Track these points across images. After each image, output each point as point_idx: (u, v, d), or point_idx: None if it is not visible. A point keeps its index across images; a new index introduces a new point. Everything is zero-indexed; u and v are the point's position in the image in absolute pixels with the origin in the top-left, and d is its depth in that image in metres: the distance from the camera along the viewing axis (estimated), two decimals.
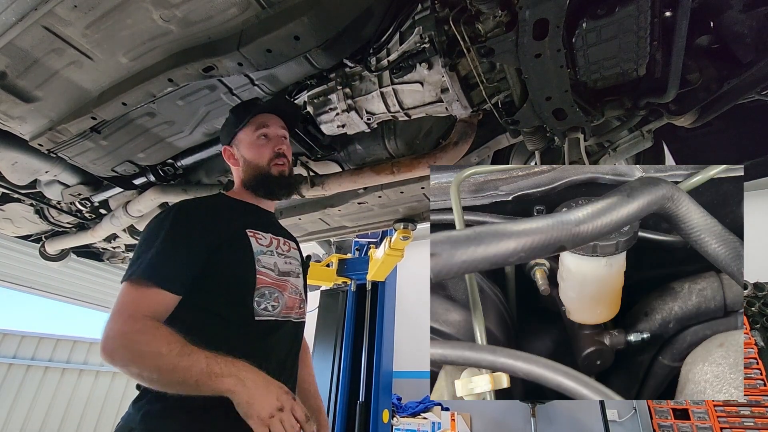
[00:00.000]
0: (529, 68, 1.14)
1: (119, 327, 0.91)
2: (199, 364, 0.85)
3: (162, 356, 0.86)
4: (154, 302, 0.96)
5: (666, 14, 1.09)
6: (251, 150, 1.27)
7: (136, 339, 0.89)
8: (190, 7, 1.17)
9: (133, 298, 0.96)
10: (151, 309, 0.95)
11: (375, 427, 3.35)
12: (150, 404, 0.95)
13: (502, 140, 1.68)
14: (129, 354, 0.89)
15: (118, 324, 0.91)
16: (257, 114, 1.29)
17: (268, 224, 1.26)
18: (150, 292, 0.96)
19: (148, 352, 0.87)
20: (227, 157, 1.32)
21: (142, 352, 0.87)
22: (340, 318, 4.30)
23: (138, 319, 0.92)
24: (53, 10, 1.15)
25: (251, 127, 1.28)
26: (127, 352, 0.89)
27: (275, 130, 1.30)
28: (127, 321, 0.91)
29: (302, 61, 1.34)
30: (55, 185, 2.07)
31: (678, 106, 1.27)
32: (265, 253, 1.14)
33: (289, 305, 1.15)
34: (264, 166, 1.26)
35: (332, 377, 4.04)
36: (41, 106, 1.49)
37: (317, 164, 1.85)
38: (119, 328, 0.91)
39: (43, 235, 2.75)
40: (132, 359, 0.88)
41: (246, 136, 1.28)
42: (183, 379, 0.84)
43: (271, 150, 1.27)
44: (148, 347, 0.87)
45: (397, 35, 1.32)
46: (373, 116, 1.50)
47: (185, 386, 0.85)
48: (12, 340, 6.14)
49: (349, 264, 4.10)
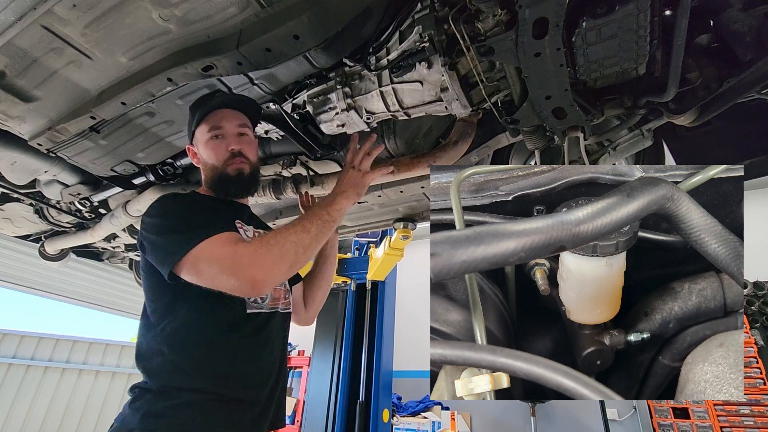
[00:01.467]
0: (528, 67, 1.14)
1: (244, 265, 0.93)
2: (318, 213, 1.09)
3: (295, 234, 1.01)
4: (234, 237, 1.00)
5: (666, 13, 1.09)
6: (206, 150, 1.23)
7: (266, 249, 0.96)
8: (189, 7, 1.16)
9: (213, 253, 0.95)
10: (239, 239, 1.00)
11: (375, 427, 3.35)
12: (149, 404, 0.95)
13: (502, 139, 1.68)
14: (288, 253, 0.97)
15: (239, 264, 0.93)
16: (209, 111, 1.24)
17: (249, 217, 1.26)
18: (217, 240, 0.98)
19: (293, 239, 0.99)
20: (191, 156, 1.30)
21: (283, 247, 0.97)
22: (340, 317, 4.30)
23: (247, 242, 0.98)
24: (52, 9, 1.15)
25: (205, 126, 1.24)
26: (284, 252, 0.97)
27: (230, 128, 1.24)
28: (240, 255, 0.94)
29: (302, 61, 1.34)
30: (54, 185, 2.07)
31: (678, 105, 1.27)
32: None
33: (275, 296, 1.17)
34: (219, 166, 1.21)
35: (332, 377, 4.05)
36: (40, 105, 1.49)
37: (317, 164, 1.85)
38: (245, 263, 0.93)
39: (42, 235, 2.75)
40: (293, 254, 0.98)
41: (201, 135, 1.25)
42: (321, 232, 1.06)
43: (224, 149, 1.21)
44: (280, 243, 0.97)
45: (397, 34, 1.32)
46: (373, 115, 1.50)
47: (323, 236, 1.07)
48: (12, 340, 6.14)
49: (349, 263, 4.10)
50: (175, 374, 0.97)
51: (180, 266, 0.96)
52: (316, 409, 4.01)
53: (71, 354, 6.79)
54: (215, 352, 1.01)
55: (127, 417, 0.96)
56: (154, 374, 0.99)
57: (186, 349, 1.00)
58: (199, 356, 0.99)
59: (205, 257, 0.94)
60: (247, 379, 1.04)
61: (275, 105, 1.51)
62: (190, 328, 1.00)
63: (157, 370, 0.99)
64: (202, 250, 0.95)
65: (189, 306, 1.03)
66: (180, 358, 0.99)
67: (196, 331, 0.99)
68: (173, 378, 0.97)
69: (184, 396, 0.95)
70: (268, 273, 0.94)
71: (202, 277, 0.95)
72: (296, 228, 1.03)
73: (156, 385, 0.97)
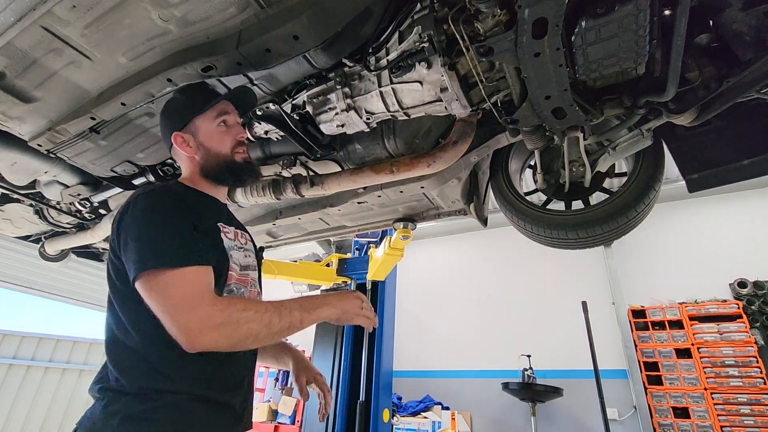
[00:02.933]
0: (528, 67, 1.14)
1: (199, 314, 0.88)
2: (293, 308, 1.00)
3: (263, 313, 0.94)
4: (202, 279, 0.95)
5: (665, 13, 1.09)
6: (213, 138, 1.21)
7: (229, 312, 0.90)
8: (188, 7, 1.16)
9: (181, 285, 0.91)
10: (205, 285, 0.95)
11: (375, 427, 3.35)
12: (127, 407, 0.91)
13: (502, 139, 1.68)
14: (231, 328, 0.90)
15: (195, 312, 0.88)
16: (215, 101, 1.24)
17: (230, 217, 1.24)
18: (191, 272, 0.94)
19: (250, 316, 0.92)
20: (180, 144, 1.20)
21: (246, 318, 0.92)
22: None
23: (212, 299, 0.92)
24: (52, 10, 1.15)
25: (211, 114, 1.22)
26: (228, 327, 0.90)
27: (234, 118, 1.27)
28: (201, 305, 0.90)
29: (301, 61, 1.34)
30: (54, 185, 2.07)
31: (677, 104, 1.27)
32: (233, 248, 1.13)
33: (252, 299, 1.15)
34: (228, 153, 1.22)
35: (332, 377, 4.04)
36: (40, 106, 1.49)
37: (317, 164, 1.85)
38: (201, 315, 0.88)
39: (42, 236, 2.75)
40: (237, 329, 0.91)
41: (205, 123, 1.22)
42: (290, 324, 0.98)
43: (233, 137, 1.24)
44: (246, 314, 0.92)
45: (396, 34, 1.32)
46: (373, 116, 1.50)
47: (291, 329, 0.99)
48: (12, 341, 6.14)
49: (349, 263, 4.10)
50: (153, 375, 0.93)
51: (139, 278, 0.92)
52: (316, 409, 4.01)
53: (71, 354, 6.79)
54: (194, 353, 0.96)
55: (99, 422, 0.90)
56: (129, 375, 0.94)
57: (164, 350, 0.94)
58: (178, 357, 0.93)
59: (164, 288, 0.91)
60: (225, 380, 1.02)
61: (275, 105, 1.51)
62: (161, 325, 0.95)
63: (132, 370, 0.94)
64: (167, 278, 0.91)
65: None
66: (158, 359, 0.95)
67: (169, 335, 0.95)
68: (152, 379, 0.93)
69: (165, 398, 0.92)
70: (210, 343, 0.89)
71: (150, 302, 0.91)
72: (263, 317, 0.95)
73: (133, 387, 0.93)
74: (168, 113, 1.27)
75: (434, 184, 1.84)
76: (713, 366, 4.17)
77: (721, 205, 5.02)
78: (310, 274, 3.84)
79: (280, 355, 1.43)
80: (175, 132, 1.21)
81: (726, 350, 4.17)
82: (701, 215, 5.11)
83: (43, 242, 2.74)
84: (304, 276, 3.77)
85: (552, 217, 1.77)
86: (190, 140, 1.21)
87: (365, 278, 3.76)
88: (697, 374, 4.20)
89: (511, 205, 1.89)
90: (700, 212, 5.12)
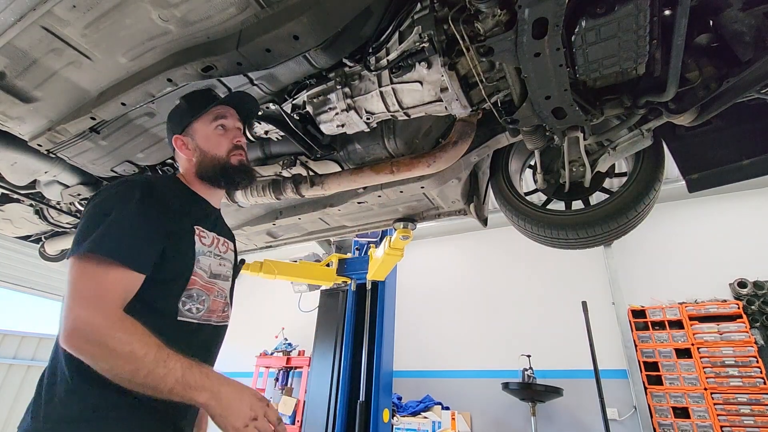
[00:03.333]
0: (528, 67, 1.14)
1: (90, 318, 0.83)
2: (175, 374, 0.84)
3: (137, 360, 0.82)
4: (123, 285, 0.90)
5: (665, 13, 1.09)
6: (209, 141, 1.23)
7: (111, 336, 0.82)
8: (188, 7, 1.16)
9: (100, 280, 0.87)
10: (120, 294, 0.89)
11: (375, 427, 3.35)
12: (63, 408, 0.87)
13: (502, 139, 1.68)
14: (101, 351, 0.83)
15: (89, 314, 0.84)
16: (213, 105, 1.25)
17: (215, 222, 1.23)
18: (118, 273, 0.89)
19: (124, 353, 0.82)
20: (179, 146, 1.23)
21: (117, 352, 0.82)
22: (340, 318, 4.30)
23: (111, 311, 0.86)
24: (52, 10, 1.15)
25: (208, 117, 1.24)
26: (100, 348, 0.83)
27: (233, 122, 1.28)
28: (98, 312, 0.84)
29: (301, 61, 1.34)
30: (54, 185, 2.07)
31: (677, 104, 1.27)
32: (204, 253, 1.11)
33: (212, 308, 1.12)
34: (223, 156, 1.23)
35: (332, 377, 4.05)
36: (40, 106, 1.49)
37: (317, 164, 1.85)
38: (90, 320, 0.83)
39: (42, 236, 2.75)
40: (104, 356, 0.83)
41: (203, 126, 1.24)
42: (155, 386, 0.83)
43: (229, 141, 1.24)
44: (123, 348, 0.82)
45: (397, 34, 1.32)
46: (373, 116, 1.50)
47: (156, 391, 0.83)
48: (12, 341, 6.14)
49: (349, 263, 4.10)
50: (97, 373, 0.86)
51: (70, 258, 0.90)
52: (317, 409, 4.01)
53: None
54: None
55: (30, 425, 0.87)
56: (74, 371, 0.90)
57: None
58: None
59: (78, 275, 0.88)
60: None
61: (275, 105, 1.52)
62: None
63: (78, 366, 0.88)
64: (87, 259, 0.88)
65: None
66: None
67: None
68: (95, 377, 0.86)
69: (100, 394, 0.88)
70: (77, 351, 0.84)
71: (66, 284, 0.88)
72: (143, 364, 0.83)
73: (76, 384, 0.89)
74: (171, 118, 1.30)
75: (434, 184, 1.84)
76: (713, 366, 4.17)
77: (721, 205, 5.03)
78: (310, 274, 3.84)
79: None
80: (175, 135, 1.24)
81: (726, 350, 4.17)
82: (701, 215, 5.11)
83: (43, 242, 2.74)
84: (304, 276, 3.77)
85: (552, 217, 1.77)
86: (189, 143, 1.23)
87: (365, 278, 3.76)
88: (697, 374, 4.20)
89: (511, 205, 1.89)
90: (700, 212, 5.12)
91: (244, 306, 7.57)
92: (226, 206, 2.19)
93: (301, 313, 4.72)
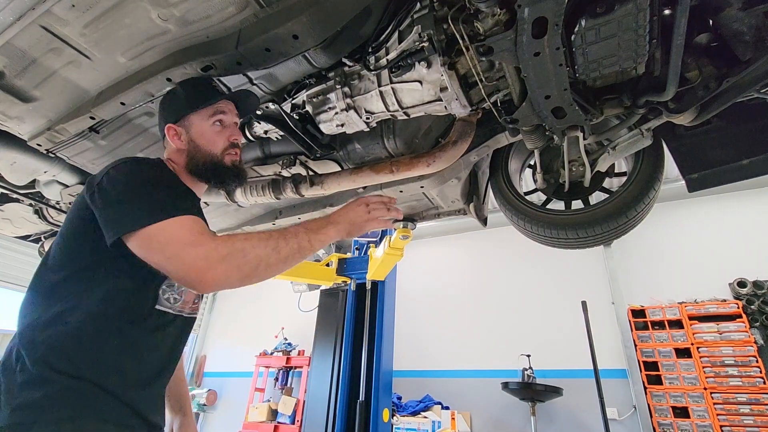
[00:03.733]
0: (528, 67, 1.14)
1: (209, 248, 0.89)
2: (300, 235, 1.01)
3: (270, 246, 0.94)
4: (200, 224, 0.97)
5: (665, 12, 1.09)
6: (204, 136, 1.20)
7: (236, 247, 0.91)
8: (188, 6, 1.16)
9: (185, 227, 0.93)
10: (204, 227, 0.97)
11: (375, 427, 3.35)
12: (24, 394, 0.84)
13: (501, 139, 1.68)
14: (245, 261, 0.91)
15: (203, 247, 0.90)
16: (214, 99, 1.23)
17: (200, 212, 1.21)
18: (189, 219, 0.96)
19: (258, 248, 0.93)
20: (171, 136, 1.19)
21: (256, 254, 0.92)
22: (339, 317, 4.30)
23: (212, 236, 0.93)
24: (51, 9, 1.15)
25: (207, 111, 1.21)
26: (242, 259, 0.91)
27: (231, 118, 1.25)
28: (207, 242, 0.91)
29: (301, 60, 1.34)
30: (53, 185, 2.07)
31: (677, 104, 1.27)
32: None
33: (186, 300, 1.12)
34: (217, 154, 1.20)
35: (332, 376, 4.04)
36: (39, 105, 1.49)
37: (316, 163, 1.85)
38: (211, 249, 0.89)
39: (42, 236, 2.75)
40: (252, 265, 0.92)
41: (200, 120, 1.20)
42: (299, 249, 0.99)
43: (225, 138, 1.22)
44: (253, 246, 0.93)
45: (396, 34, 1.32)
46: (372, 115, 1.50)
47: (303, 255, 1.00)
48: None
49: (349, 263, 4.10)
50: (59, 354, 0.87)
51: (133, 236, 0.91)
52: (316, 408, 4.01)
53: None
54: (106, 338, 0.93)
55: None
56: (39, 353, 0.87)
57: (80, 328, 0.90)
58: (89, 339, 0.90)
59: (165, 236, 0.90)
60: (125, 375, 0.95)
61: (274, 105, 1.51)
62: (90, 307, 0.92)
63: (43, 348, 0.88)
64: (164, 227, 0.91)
65: (101, 283, 0.96)
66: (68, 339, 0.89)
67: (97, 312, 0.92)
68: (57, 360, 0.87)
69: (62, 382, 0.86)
70: (221, 276, 0.90)
71: (153, 254, 0.91)
72: (269, 242, 0.96)
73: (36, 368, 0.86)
74: (165, 105, 1.26)
75: (434, 184, 1.84)
76: (713, 366, 4.17)
77: (721, 205, 5.02)
78: (310, 274, 3.83)
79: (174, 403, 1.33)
80: (169, 124, 1.21)
81: (725, 350, 4.17)
82: (701, 215, 5.11)
83: (42, 242, 2.74)
84: (304, 275, 3.77)
85: (552, 216, 1.77)
86: (182, 134, 1.20)
87: (365, 278, 3.76)
88: (697, 374, 4.20)
89: (511, 205, 1.89)
90: (699, 212, 5.12)
91: (244, 306, 7.57)
92: (226, 206, 2.19)
93: (300, 312, 4.72)
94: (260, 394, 6.22)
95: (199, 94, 1.23)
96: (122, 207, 0.95)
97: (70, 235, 1.03)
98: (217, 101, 1.23)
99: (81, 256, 0.99)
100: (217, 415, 6.83)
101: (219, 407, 6.87)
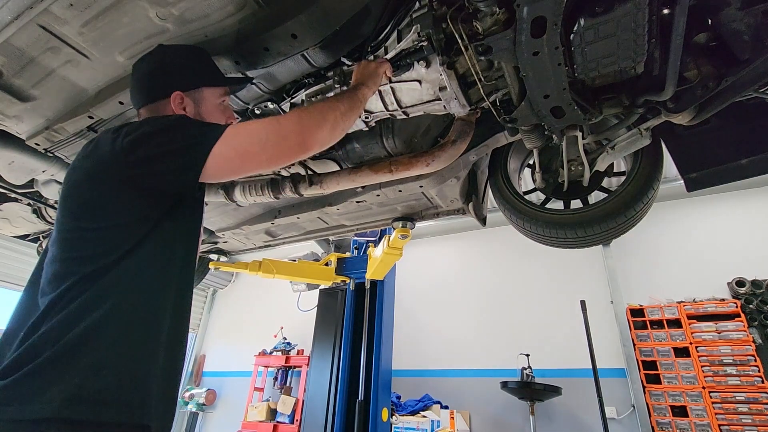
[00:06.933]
0: (526, 66, 1.14)
1: (286, 127, 1.00)
2: (344, 101, 1.13)
3: (329, 111, 1.08)
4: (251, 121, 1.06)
5: (664, 12, 1.09)
6: (213, 114, 1.19)
7: (306, 117, 1.03)
8: (186, 6, 1.16)
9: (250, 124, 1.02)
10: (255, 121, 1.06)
11: (374, 426, 3.35)
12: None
13: (501, 138, 1.68)
14: (324, 128, 1.05)
15: (282, 126, 1.00)
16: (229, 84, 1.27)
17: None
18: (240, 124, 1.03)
19: (325, 117, 1.06)
20: (177, 104, 1.11)
21: (324, 118, 1.05)
22: (339, 317, 4.30)
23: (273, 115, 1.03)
24: (49, 8, 1.14)
25: (220, 90, 1.22)
26: (318, 128, 1.03)
27: (228, 101, 1.30)
28: (293, 121, 1.02)
29: (300, 60, 1.34)
30: (52, 184, 2.06)
31: (676, 103, 1.27)
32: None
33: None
34: None
35: (331, 376, 4.04)
36: (38, 105, 1.48)
37: (315, 163, 1.85)
38: (288, 127, 1.00)
39: (40, 235, 2.75)
40: (332, 124, 1.07)
41: (212, 96, 1.19)
42: (351, 105, 1.14)
43: (226, 120, 1.24)
44: (320, 115, 1.05)
45: (395, 33, 1.32)
46: (371, 114, 1.50)
47: (358, 105, 1.17)
48: None
49: (348, 263, 4.10)
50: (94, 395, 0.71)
51: (215, 154, 0.91)
52: (316, 408, 4.01)
53: None
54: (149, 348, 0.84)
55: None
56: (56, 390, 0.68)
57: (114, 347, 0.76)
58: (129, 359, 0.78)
59: (244, 134, 0.98)
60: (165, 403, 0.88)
61: (273, 104, 1.51)
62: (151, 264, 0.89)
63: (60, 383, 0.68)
64: (235, 131, 0.97)
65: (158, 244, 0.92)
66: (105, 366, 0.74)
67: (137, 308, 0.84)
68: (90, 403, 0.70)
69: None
70: (316, 132, 1.02)
71: (247, 152, 0.96)
72: (328, 101, 1.11)
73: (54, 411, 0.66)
74: (169, 67, 1.15)
75: (433, 183, 1.83)
76: (711, 365, 4.18)
77: (720, 204, 5.03)
78: (309, 274, 3.83)
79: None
80: (177, 91, 1.12)
81: (724, 349, 4.18)
82: (700, 214, 5.12)
83: (41, 241, 2.74)
84: (303, 275, 3.77)
85: (551, 216, 1.77)
86: (189, 106, 1.14)
87: (364, 277, 3.76)
88: (696, 373, 4.20)
89: (510, 204, 1.89)
90: (698, 211, 5.13)
91: (243, 305, 7.57)
92: (225, 205, 2.19)
93: (300, 312, 4.72)
94: (259, 394, 6.22)
95: (215, 70, 1.23)
96: (188, 140, 0.94)
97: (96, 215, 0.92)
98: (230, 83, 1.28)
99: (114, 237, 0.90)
100: (216, 415, 6.83)
101: (218, 406, 6.87)
